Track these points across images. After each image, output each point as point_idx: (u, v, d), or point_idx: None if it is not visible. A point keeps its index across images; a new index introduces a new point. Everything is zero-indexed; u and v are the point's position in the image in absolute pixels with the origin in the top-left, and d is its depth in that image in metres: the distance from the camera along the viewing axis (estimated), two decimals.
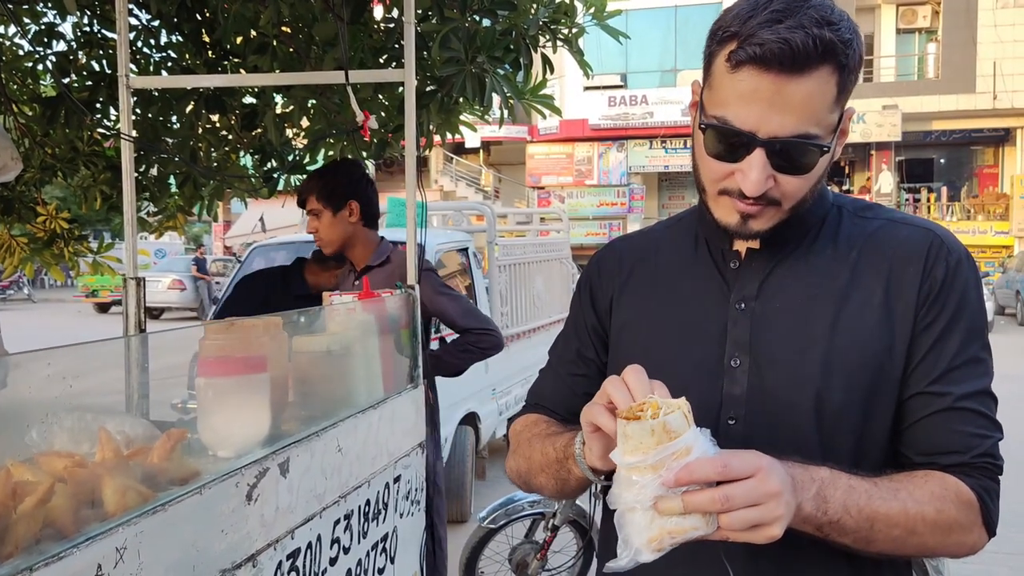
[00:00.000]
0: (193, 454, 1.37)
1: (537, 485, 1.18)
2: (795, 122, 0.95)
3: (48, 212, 3.71)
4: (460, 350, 2.93)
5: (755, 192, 0.98)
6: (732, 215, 1.04)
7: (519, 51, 2.76)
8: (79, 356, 1.32)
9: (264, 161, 3.79)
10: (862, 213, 1.13)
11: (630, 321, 1.17)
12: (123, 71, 2.40)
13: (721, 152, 1.00)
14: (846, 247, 1.09)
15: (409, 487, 2.14)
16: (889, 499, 0.95)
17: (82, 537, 0.99)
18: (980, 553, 1.03)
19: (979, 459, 1.02)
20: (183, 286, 18.94)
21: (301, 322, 1.87)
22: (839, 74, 0.95)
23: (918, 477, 1.00)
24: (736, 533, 0.87)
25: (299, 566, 1.52)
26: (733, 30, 0.96)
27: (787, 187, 1.00)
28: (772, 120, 0.95)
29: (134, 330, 2.43)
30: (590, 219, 23.45)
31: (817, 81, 0.94)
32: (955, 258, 1.05)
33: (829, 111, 0.97)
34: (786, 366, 1.04)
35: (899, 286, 1.05)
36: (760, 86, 0.94)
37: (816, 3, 0.95)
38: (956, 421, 1.02)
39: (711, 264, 1.14)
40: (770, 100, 0.94)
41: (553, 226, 10.01)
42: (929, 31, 23.20)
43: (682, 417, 0.87)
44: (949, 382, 1.02)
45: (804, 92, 0.94)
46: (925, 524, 0.96)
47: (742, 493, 0.85)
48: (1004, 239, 22.02)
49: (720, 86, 0.99)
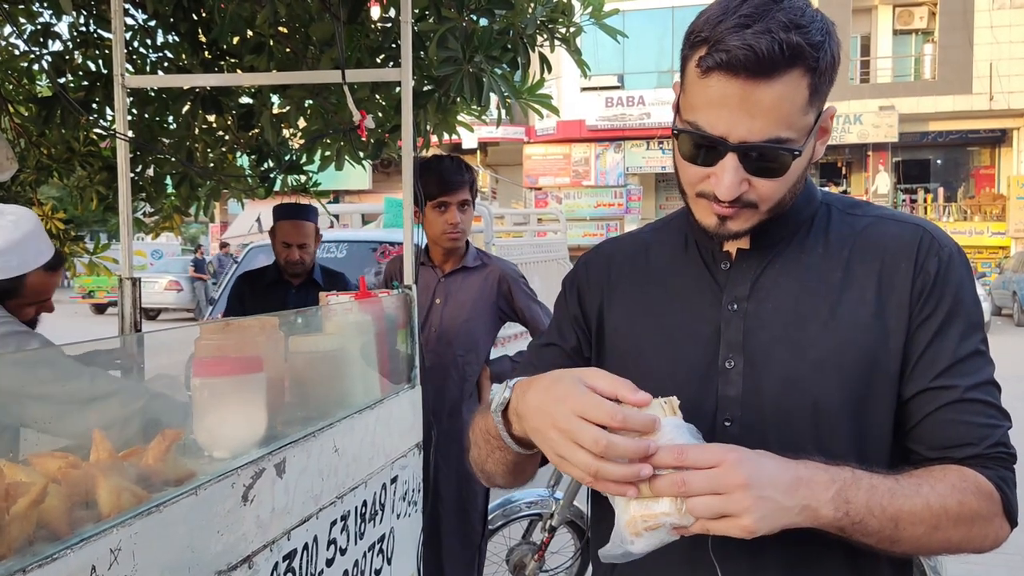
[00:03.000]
0: (188, 455, 1.36)
1: (488, 473, 1.16)
2: (765, 127, 0.95)
3: (44, 212, 3.70)
4: None
5: (728, 196, 0.99)
6: (710, 217, 1.05)
7: (517, 50, 2.76)
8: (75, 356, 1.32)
9: (261, 161, 3.78)
10: (851, 210, 1.13)
11: (622, 324, 1.17)
12: (119, 70, 2.40)
13: (695, 156, 1.01)
14: (837, 245, 1.09)
15: (406, 488, 2.14)
16: (912, 496, 0.95)
17: (76, 538, 0.98)
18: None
19: (993, 449, 1.01)
20: (180, 287, 18.90)
21: (298, 322, 1.86)
22: (810, 76, 0.95)
23: (936, 471, 0.99)
24: (711, 524, 0.87)
25: (295, 567, 1.51)
26: (704, 35, 0.96)
27: (762, 190, 1.01)
28: (742, 125, 0.95)
29: (130, 330, 2.42)
30: (587, 220, 23.45)
31: (786, 85, 0.94)
32: (947, 252, 1.06)
33: (802, 113, 0.97)
34: (781, 366, 1.04)
35: (891, 282, 1.05)
36: (728, 92, 0.94)
37: (787, 5, 0.94)
38: (966, 413, 1.02)
39: (702, 265, 1.14)
40: (739, 105, 0.94)
41: (550, 227, 10.00)
42: (926, 32, 23.24)
43: (659, 408, 0.90)
44: (955, 375, 1.02)
45: (773, 97, 0.94)
46: (948, 518, 0.95)
47: (700, 479, 0.86)
48: (1001, 240, 22.05)
49: (692, 91, 0.99)
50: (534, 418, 0.95)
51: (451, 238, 2.80)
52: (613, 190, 24.05)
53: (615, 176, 24.03)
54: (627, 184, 24.04)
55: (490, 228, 6.00)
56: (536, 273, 6.94)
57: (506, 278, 2.89)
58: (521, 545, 3.59)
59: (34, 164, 3.55)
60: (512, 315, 2.94)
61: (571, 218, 17.64)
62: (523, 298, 2.91)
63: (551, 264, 7.49)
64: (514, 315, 2.93)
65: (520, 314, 2.91)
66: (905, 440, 1.06)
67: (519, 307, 2.90)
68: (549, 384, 0.94)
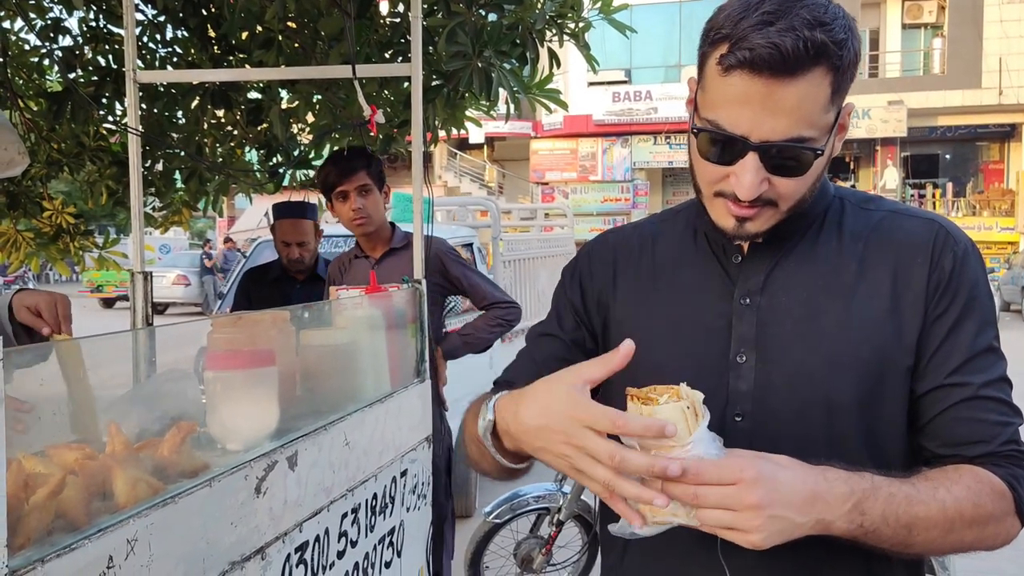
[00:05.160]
0: (202, 447, 1.37)
1: (484, 472, 1.14)
2: (788, 126, 0.94)
3: (54, 207, 3.72)
4: (493, 324, 3.02)
5: (749, 196, 0.98)
6: (728, 218, 1.03)
7: (525, 45, 2.76)
8: (87, 349, 1.33)
9: (269, 156, 3.79)
10: (864, 205, 1.12)
11: (628, 317, 1.15)
12: (131, 65, 2.41)
13: (714, 155, 0.99)
14: (851, 240, 1.08)
15: (416, 481, 2.15)
16: (928, 501, 0.94)
17: (93, 528, 1.00)
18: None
19: (1005, 447, 1.01)
20: (188, 281, 18.97)
21: (308, 316, 1.87)
22: (833, 75, 0.94)
23: (951, 473, 0.98)
24: (720, 531, 0.88)
25: (307, 559, 1.52)
26: (725, 32, 0.94)
27: (783, 189, 0.99)
28: (764, 124, 0.94)
29: (141, 324, 2.43)
30: (594, 215, 23.40)
31: (810, 84, 0.92)
32: (962, 248, 1.05)
33: (824, 112, 0.96)
34: (794, 362, 1.03)
35: (907, 277, 1.04)
36: (751, 90, 0.93)
37: (809, 1, 0.93)
38: (980, 410, 1.01)
39: (712, 258, 1.12)
40: (762, 104, 0.93)
41: (557, 222, 10.00)
42: (935, 26, 23.11)
43: (680, 412, 0.88)
44: (969, 372, 1.01)
45: (796, 95, 0.92)
46: (963, 521, 0.95)
47: (713, 495, 0.86)
48: (1010, 235, 21.94)
49: (712, 88, 0.97)
50: (537, 438, 0.93)
51: (358, 224, 2.83)
52: (620, 185, 24.00)
53: (622, 171, 23.99)
54: (634, 179, 23.99)
55: (497, 223, 6.00)
56: (543, 268, 6.94)
57: (437, 253, 2.91)
58: (529, 539, 3.60)
59: (44, 159, 3.56)
60: (450, 287, 2.97)
61: (578, 213, 17.61)
62: (457, 267, 2.94)
63: (558, 259, 7.49)
64: (452, 287, 2.97)
65: (457, 284, 2.95)
66: (917, 436, 1.05)
67: (454, 277, 2.94)
68: (545, 399, 0.92)
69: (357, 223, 2.83)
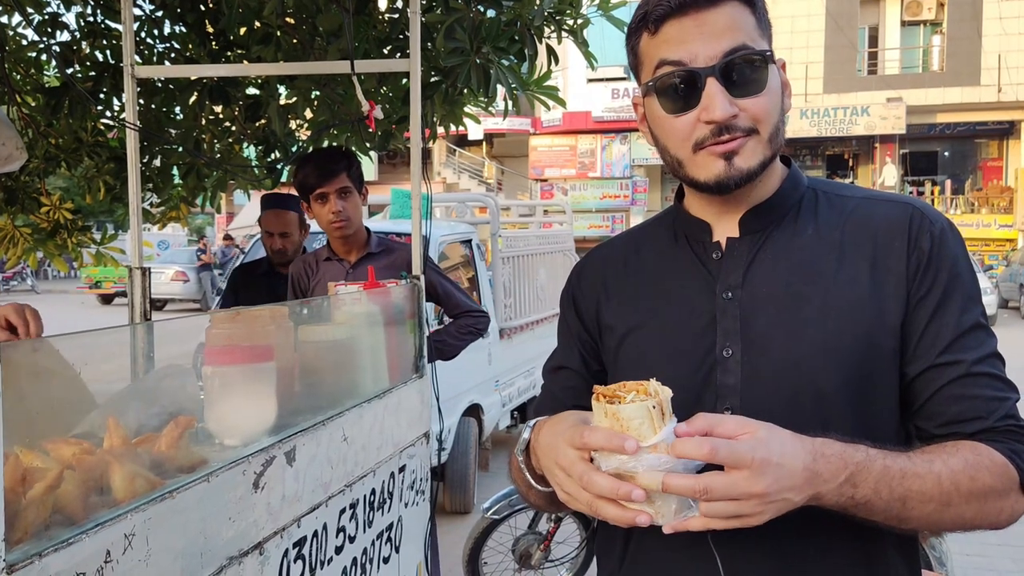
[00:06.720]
0: (200, 442, 1.38)
1: (533, 503, 1.22)
2: (729, 41, 1.01)
3: (52, 203, 3.71)
4: (463, 332, 3.01)
5: (724, 114, 1.00)
6: (716, 164, 1.04)
7: (524, 42, 2.75)
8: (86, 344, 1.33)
9: (268, 152, 3.79)
10: (838, 192, 1.14)
11: (619, 324, 1.17)
12: (128, 61, 2.40)
13: (678, 103, 1.04)
14: (828, 227, 1.09)
15: (414, 477, 2.15)
16: (924, 474, 0.94)
17: (91, 523, 1.00)
18: (983, 545, 1.02)
19: (1003, 422, 1.01)
20: (186, 277, 18.97)
21: (307, 312, 1.87)
22: (750, 8, 1.03)
23: (949, 447, 0.99)
24: (717, 522, 0.88)
25: (305, 554, 1.53)
26: (641, 13, 1.05)
27: (753, 109, 1.02)
28: (707, 47, 1.01)
29: (140, 319, 2.43)
30: (593, 211, 23.41)
31: (731, 9, 1.02)
32: (938, 228, 1.06)
33: (757, 35, 1.03)
34: (779, 352, 1.04)
35: (886, 261, 1.05)
36: (684, 29, 1.02)
37: None
38: (974, 387, 1.01)
39: (693, 257, 1.14)
40: (699, 33, 1.01)
41: (556, 218, 9.99)
42: (934, 23, 23.10)
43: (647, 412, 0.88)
44: (959, 350, 1.02)
45: (725, 17, 1.01)
46: (960, 495, 0.95)
47: (723, 487, 0.86)
48: (1008, 232, 21.97)
49: (651, 53, 1.05)
50: (544, 456, 0.99)
51: (337, 227, 2.78)
52: (619, 182, 24.00)
53: (621, 168, 23.98)
54: (633, 176, 23.99)
55: (496, 220, 5.99)
56: (542, 265, 6.93)
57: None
58: (527, 535, 3.61)
59: (42, 154, 3.55)
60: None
61: (577, 210, 17.62)
62: (431, 275, 2.91)
63: (556, 256, 7.48)
64: (425, 293, 2.96)
65: (431, 290, 2.92)
66: (913, 419, 1.06)
67: (428, 283, 2.90)
68: (556, 422, 1.00)
69: (336, 226, 2.78)
